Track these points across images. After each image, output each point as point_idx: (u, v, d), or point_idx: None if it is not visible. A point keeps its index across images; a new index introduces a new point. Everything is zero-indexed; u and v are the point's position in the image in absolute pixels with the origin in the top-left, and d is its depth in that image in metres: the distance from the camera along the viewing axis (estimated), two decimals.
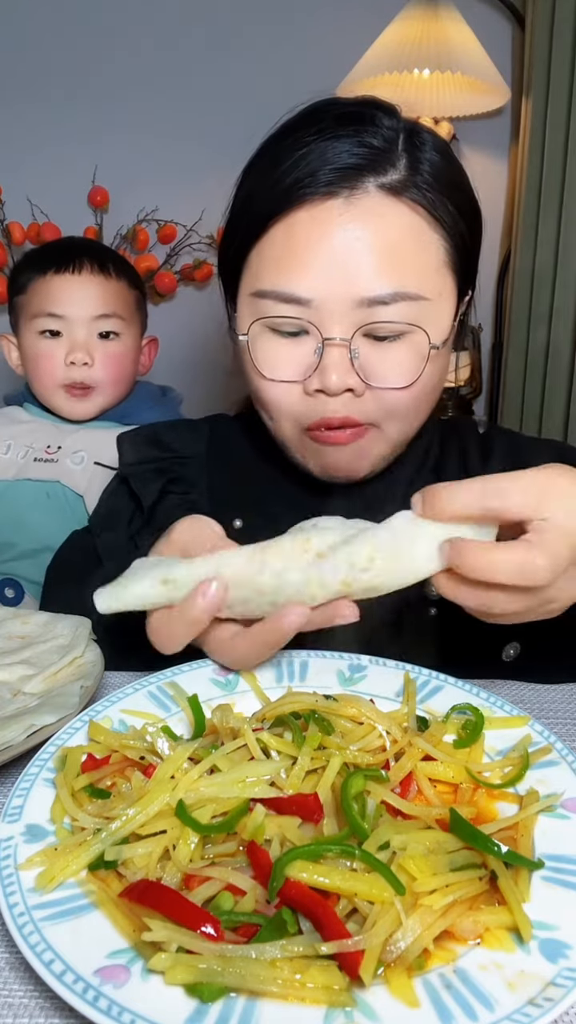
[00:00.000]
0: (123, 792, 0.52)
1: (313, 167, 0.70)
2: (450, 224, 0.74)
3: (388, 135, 0.73)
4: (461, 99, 2.00)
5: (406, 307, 0.71)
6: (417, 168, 0.72)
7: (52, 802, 0.51)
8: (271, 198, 0.72)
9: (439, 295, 0.74)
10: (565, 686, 0.74)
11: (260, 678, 0.66)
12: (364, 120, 0.73)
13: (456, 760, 0.56)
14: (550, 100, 2.00)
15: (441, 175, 0.74)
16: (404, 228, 0.71)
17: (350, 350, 0.72)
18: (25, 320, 1.35)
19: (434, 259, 0.73)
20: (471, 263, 0.79)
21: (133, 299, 1.40)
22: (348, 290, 0.70)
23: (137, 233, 2.23)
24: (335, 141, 0.71)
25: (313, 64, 2.10)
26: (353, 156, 0.70)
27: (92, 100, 2.21)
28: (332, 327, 0.71)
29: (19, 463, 1.33)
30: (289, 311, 0.72)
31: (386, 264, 0.70)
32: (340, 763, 0.53)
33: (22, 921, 0.42)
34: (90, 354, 1.33)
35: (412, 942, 0.41)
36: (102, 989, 0.39)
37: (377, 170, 0.71)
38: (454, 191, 0.75)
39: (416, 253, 0.72)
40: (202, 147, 2.16)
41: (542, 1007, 0.39)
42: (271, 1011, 0.39)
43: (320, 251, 0.70)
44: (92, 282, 1.34)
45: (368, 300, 0.70)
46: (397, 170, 0.71)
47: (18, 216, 2.20)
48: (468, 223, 0.76)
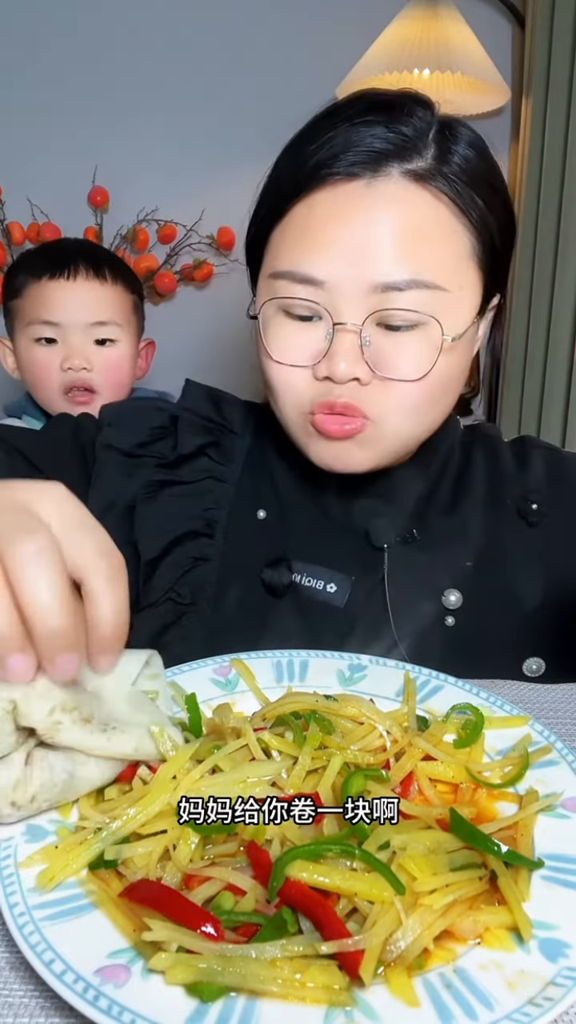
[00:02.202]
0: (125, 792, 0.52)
1: (337, 149, 0.70)
2: (477, 219, 0.72)
3: (419, 125, 0.71)
4: (461, 99, 2.00)
5: (422, 295, 0.69)
6: (446, 159, 0.71)
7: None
8: (295, 178, 0.72)
9: (459, 288, 0.72)
10: (565, 686, 0.74)
11: (260, 678, 0.66)
12: (396, 108, 0.72)
13: (456, 760, 0.56)
14: (550, 100, 2.00)
15: (473, 170, 0.72)
16: (426, 215, 0.70)
17: (360, 337, 0.70)
18: (21, 326, 1.34)
19: (456, 250, 0.71)
20: (501, 264, 0.77)
21: (130, 303, 1.39)
22: (363, 274, 0.69)
23: (137, 233, 2.23)
24: (364, 126, 0.70)
25: (313, 64, 2.10)
26: (380, 140, 0.69)
27: (92, 100, 2.21)
28: (345, 312, 0.70)
29: None
30: (303, 292, 0.71)
31: (404, 250, 0.69)
32: (341, 763, 0.53)
33: (22, 921, 0.42)
34: (88, 360, 1.32)
35: (412, 942, 0.41)
36: (102, 989, 0.39)
37: (403, 156, 0.70)
38: (485, 187, 0.73)
39: (437, 242, 0.70)
40: (202, 147, 2.16)
41: (542, 1007, 0.39)
42: (271, 1011, 0.39)
43: (338, 232, 0.69)
44: (87, 288, 1.32)
45: (382, 285, 0.69)
46: (424, 158, 0.70)
47: (18, 216, 2.20)
48: (500, 222, 0.75)
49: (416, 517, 0.83)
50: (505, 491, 0.85)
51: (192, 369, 2.06)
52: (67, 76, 2.20)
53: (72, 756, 0.50)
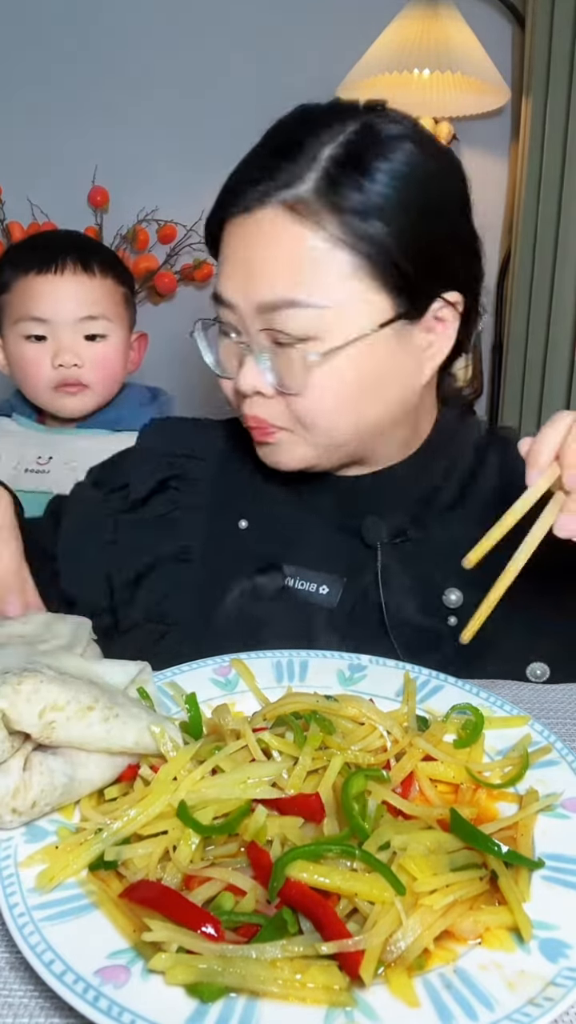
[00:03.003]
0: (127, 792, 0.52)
1: (235, 179, 0.77)
2: (365, 241, 0.73)
3: (312, 152, 0.73)
4: (461, 99, 2.00)
5: (299, 314, 0.73)
6: (332, 182, 0.72)
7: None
8: (217, 205, 0.79)
9: (340, 304, 0.73)
10: (565, 686, 0.74)
11: (260, 678, 0.66)
12: (298, 133, 0.75)
13: (456, 760, 0.56)
14: (550, 100, 2.00)
15: (366, 191, 0.72)
16: (299, 242, 0.73)
17: (255, 353, 0.76)
18: (9, 323, 1.31)
19: (335, 270, 0.73)
20: (432, 268, 0.76)
21: (120, 297, 1.36)
22: (250, 295, 0.75)
23: (137, 233, 2.23)
24: (254, 156, 0.77)
25: (313, 64, 2.10)
26: (263, 171, 0.74)
27: (92, 100, 2.21)
28: (246, 329, 0.77)
29: (10, 474, 1.31)
30: (224, 313, 0.78)
31: (278, 274, 0.73)
32: (341, 763, 0.53)
33: (22, 921, 0.42)
34: (78, 356, 1.31)
35: (412, 942, 0.41)
36: (102, 989, 0.39)
37: (281, 186, 0.73)
38: (380, 208, 0.73)
39: (309, 265, 0.73)
40: (202, 147, 2.16)
41: (542, 1007, 0.39)
42: (271, 1011, 0.39)
43: (234, 259, 0.76)
44: (75, 283, 1.29)
45: (263, 305, 0.74)
46: (299, 188, 0.73)
47: (18, 216, 2.20)
48: (413, 236, 0.74)
49: (413, 516, 0.83)
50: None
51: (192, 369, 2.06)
52: (67, 76, 2.19)
53: (71, 759, 0.50)
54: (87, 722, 0.50)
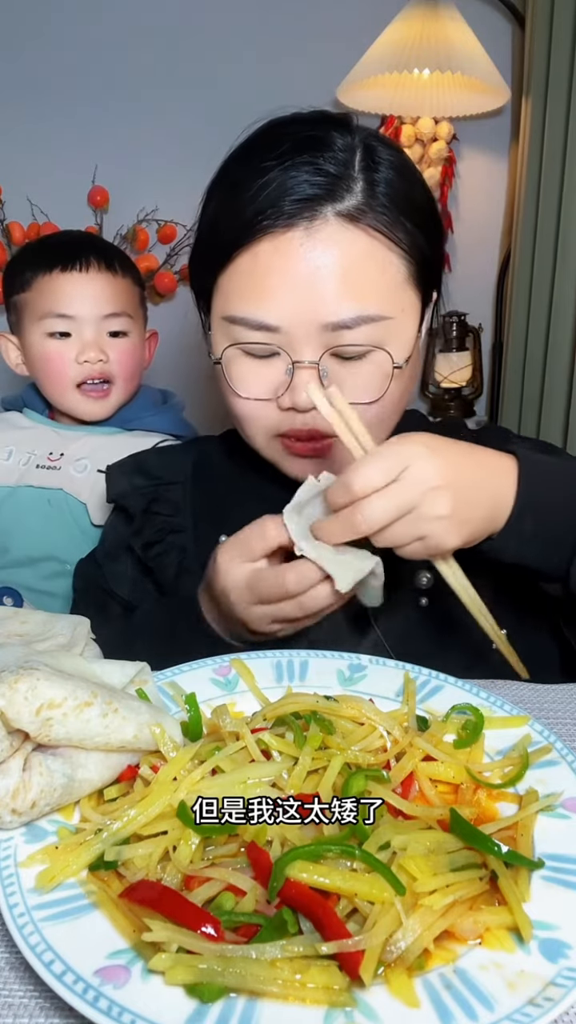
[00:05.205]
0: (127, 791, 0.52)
1: (273, 198, 0.73)
2: (408, 242, 0.76)
3: (343, 158, 0.75)
4: (461, 99, 2.00)
5: (370, 328, 0.74)
6: (373, 192, 0.74)
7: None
8: (235, 227, 0.75)
9: (402, 311, 0.76)
10: (565, 686, 0.74)
11: (260, 678, 0.66)
12: (320, 145, 0.75)
13: (456, 760, 0.56)
14: (550, 100, 2.00)
15: (398, 195, 0.76)
16: (362, 252, 0.74)
17: (319, 370, 0.75)
18: (31, 320, 1.32)
19: (394, 278, 0.75)
20: (433, 272, 0.81)
21: (137, 296, 1.39)
22: (313, 316, 0.73)
23: (137, 233, 2.23)
24: (293, 170, 0.73)
25: (313, 64, 2.09)
26: (312, 186, 0.73)
27: (92, 100, 2.20)
28: (301, 350, 0.75)
29: (20, 469, 1.32)
30: (260, 337, 0.76)
31: (347, 290, 0.73)
32: (341, 763, 0.53)
33: (22, 921, 0.42)
34: (103, 351, 1.32)
35: (412, 942, 0.41)
36: (102, 989, 0.39)
37: (334, 198, 0.73)
38: (411, 209, 0.77)
39: (376, 275, 0.74)
40: (202, 147, 2.14)
41: (542, 1007, 0.39)
42: (271, 1011, 0.39)
43: (285, 280, 0.73)
44: (100, 280, 1.31)
45: (332, 324, 0.73)
46: (354, 195, 0.74)
47: (18, 216, 2.20)
48: (428, 236, 0.78)
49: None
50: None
51: (192, 368, 2.06)
52: (67, 76, 2.19)
53: (71, 759, 0.50)
54: (85, 718, 0.50)
